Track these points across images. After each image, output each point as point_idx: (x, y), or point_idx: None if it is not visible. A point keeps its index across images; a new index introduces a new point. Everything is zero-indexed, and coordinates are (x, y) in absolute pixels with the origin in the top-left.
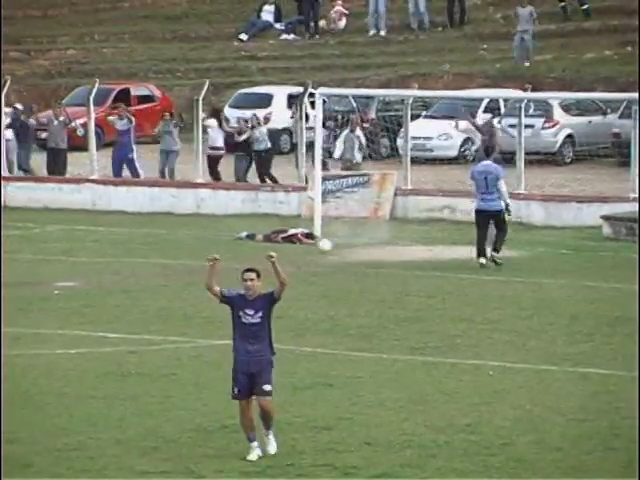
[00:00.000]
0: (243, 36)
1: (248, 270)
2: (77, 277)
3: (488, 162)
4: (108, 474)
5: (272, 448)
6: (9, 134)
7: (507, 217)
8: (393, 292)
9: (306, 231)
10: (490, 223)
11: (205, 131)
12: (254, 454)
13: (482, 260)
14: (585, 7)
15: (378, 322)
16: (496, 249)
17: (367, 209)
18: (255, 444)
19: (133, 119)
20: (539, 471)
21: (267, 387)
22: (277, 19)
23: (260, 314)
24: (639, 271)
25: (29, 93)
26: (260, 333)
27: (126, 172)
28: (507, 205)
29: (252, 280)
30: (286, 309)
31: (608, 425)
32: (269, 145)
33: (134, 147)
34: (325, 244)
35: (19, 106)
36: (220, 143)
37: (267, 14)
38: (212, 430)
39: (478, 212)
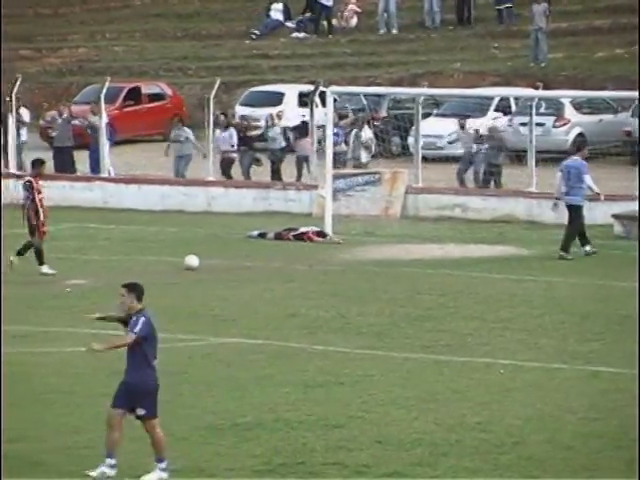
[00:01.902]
0: (254, 35)
1: (122, 286)
2: (88, 275)
3: (576, 157)
4: (118, 472)
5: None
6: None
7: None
8: (404, 290)
9: (317, 229)
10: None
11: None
12: (99, 470)
13: (587, 248)
14: (503, 6)
15: (389, 320)
16: (563, 247)
17: (378, 207)
18: (109, 462)
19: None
20: (550, 470)
21: (139, 411)
22: (287, 17)
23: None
24: (639, 269)
25: (40, 91)
26: (131, 352)
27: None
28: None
29: (121, 296)
30: (298, 307)
31: (619, 424)
32: (284, 144)
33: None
34: (192, 260)
35: None
36: (233, 145)
37: (276, 12)
38: (223, 428)
39: (566, 206)
